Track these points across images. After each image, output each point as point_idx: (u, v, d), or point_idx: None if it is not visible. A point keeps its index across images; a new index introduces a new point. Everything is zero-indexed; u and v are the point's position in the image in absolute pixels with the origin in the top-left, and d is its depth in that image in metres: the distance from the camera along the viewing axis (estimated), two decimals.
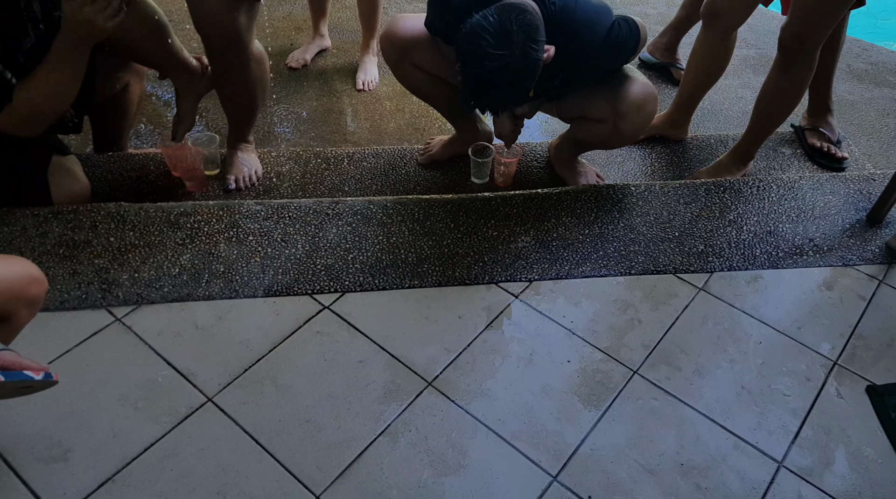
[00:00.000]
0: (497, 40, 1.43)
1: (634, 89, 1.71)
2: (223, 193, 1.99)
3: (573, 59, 1.60)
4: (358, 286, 1.63)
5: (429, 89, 1.93)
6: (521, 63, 1.45)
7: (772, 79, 1.88)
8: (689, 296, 1.64)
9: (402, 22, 1.81)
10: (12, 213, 1.68)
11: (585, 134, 1.88)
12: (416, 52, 1.82)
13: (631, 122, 1.73)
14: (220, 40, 1.66)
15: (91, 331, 1.49)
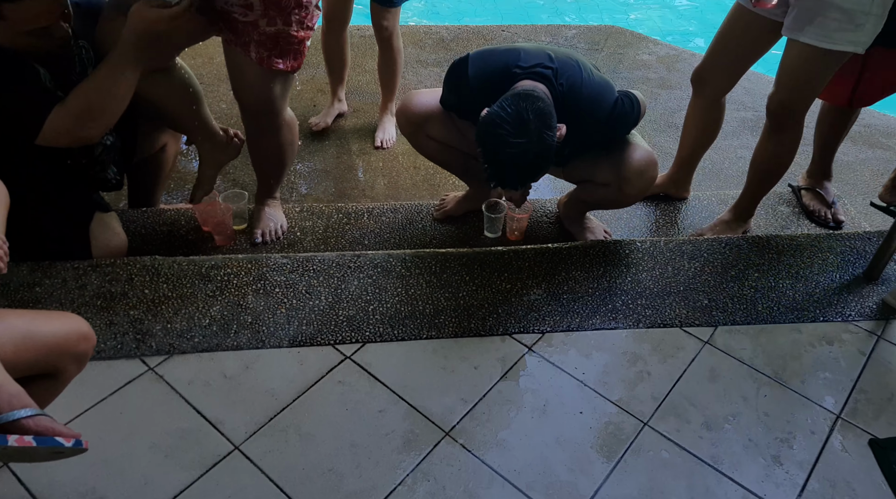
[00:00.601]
0: (515, 129, 1.54)
1: (636, 156, 1.82)
2: (250, 247, 2.09)
3: (580, 133, 1.71)
4: (378, 337, 1.71)
5: (442, 156, 2.07)
6: (538, 148, 1.56)
7: (762, 144, 1.99)
8: (695, 349, 1.71)
9: (416, 98, 1.96)
10: (54, 266, 1.79)
11: (591, 195, 1.99)
12: (430, 126, 1.97)
13: (634, 186, 1.84)
14: (256, 107, 1.79)
15: (125, 380, 1.57)
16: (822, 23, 1.67)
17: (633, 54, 3.49)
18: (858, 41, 1.66)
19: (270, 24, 1.62)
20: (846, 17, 1.63)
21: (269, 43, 1.65)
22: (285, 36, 1.66)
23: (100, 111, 1.59)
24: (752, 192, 2.11)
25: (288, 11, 1.62)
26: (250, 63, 1.68)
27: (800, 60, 1.76)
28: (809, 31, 1.70)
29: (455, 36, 3.59)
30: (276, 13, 1.60)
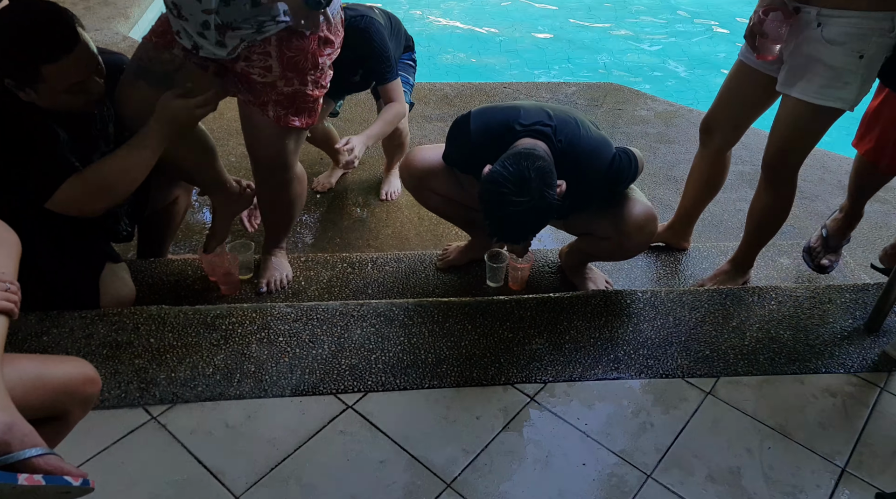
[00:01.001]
0: (517, 188, 1.58)
1: (636, 211, 1.86)
2: (255, 296, 2.12)
3: (579, 188, 1.76)
4: (380, 386, 1.72)
5: (445, 209, 2.13)
6: (540, 206, 1.60)
7: (758, 197, 2.03)
8: (697, 400, 1.71)
9: (419, 153, 2.03)
10: (62, 315, 1.81)
11: (592, 248, 2.03)
12: (433, 180, 2.03)
13: (634, 240, 1.88)
14: (270, 162, 1.86)
15: (127, 429, 1.57)
16: (811, 79, 1.73)
17: (631, 110, 3.58)
18: (846, 99, 1.71)
19: (288, 85, 1.69)
20: (834, 74, 1.69)
21: (285, 102, 1.72)
22: (301, 95, 1.73)
23: (113, 190, 1.69)
24: (751, 243, 2.14)
25: (305, 72, 1.69)
26: (267, 121, 1.74)
27: (792, 116, 1.81)
28: (799, 87, 1.76)
29: (458, 93, 3.71)
30: (293, 74, 1.67)
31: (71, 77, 1.53)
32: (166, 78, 1.68)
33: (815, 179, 2.98)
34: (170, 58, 1.68)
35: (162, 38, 1.69)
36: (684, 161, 3.12)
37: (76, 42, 1.49)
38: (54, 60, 1.47)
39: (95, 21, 4.14)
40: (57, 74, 1.50)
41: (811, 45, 1.71)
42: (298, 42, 1.63)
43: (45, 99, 1.55)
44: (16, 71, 1.48)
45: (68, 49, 1.48)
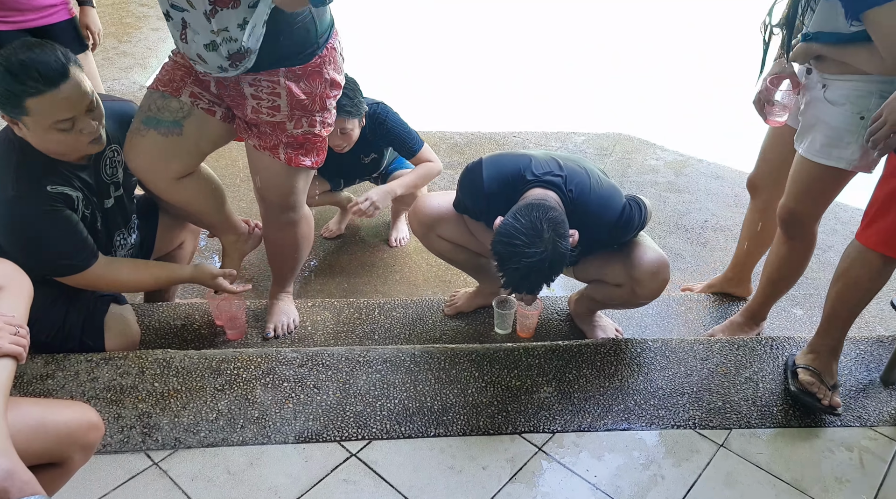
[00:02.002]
0: (530, 240, 1.58)
1: (648, 258, 1.85)
2: (261, 341, 2.11)
3: (590, 237, 1.76)
4: (385, 434, 1.69)
5: (453, 256, 2.13)
6: (553, 257, 1.59)
7: (774, 251, 2.02)
8: (709, 453, 1.66)
9: (428, 201, 2.05)
10: (67, 358, 1.81)
11: (603, 296, 2.02)
12: (441, 227, 2.04)
13: (647, 288, 1.87)
14: (280, 202, 1.88)
15: (129, 475, 1.55)
16: (814, 138, 1.74)
17: (640, 159, 3.62)
18: (847, 159, 1.70)
19: (297, 127, 1.73)
20: (835, 134, 1.70)
21: (295, 143, 1.76)
22: (310, 136, 1.76)
23: (122, 289, 1.90)
24: (766, 295, 2.11)
25: (313, 113, 1.73)
26: (277, 163, 1.77)
27: (802, 172, 1.81)
28: (805, 145, 1.78)
29: (468, 141, 3.76)
30: (301, 114, 1.71)
31: (56, 113, 1.52)
32: (175, 124, 1.72)
33: (828, 229, 2.96)
34: (178, 105, 1.72)
35: (169, 86, 1.73)
36: (694, 210, 3.12)
37: (63, 78, 1.49)
38: (36, 94, 1.48)
39: (114, 71, 4.27)
40: (41, 109, 1.50)
41: (816, 106, 1.74)
42: (306, 86, 1.67)
43: (35, 135, 1.55)
44: (4, 101, 1.51)
45: (53, 84, 1.48)
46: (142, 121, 1.73)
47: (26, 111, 1.51)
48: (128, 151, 1.76)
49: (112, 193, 1.81)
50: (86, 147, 1.63)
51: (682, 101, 4.61)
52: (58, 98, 1.50)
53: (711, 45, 5.70)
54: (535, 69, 5.19)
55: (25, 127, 1.55)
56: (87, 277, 1.72)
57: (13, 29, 2.36)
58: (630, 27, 6.22)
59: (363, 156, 2.60)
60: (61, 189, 1.64)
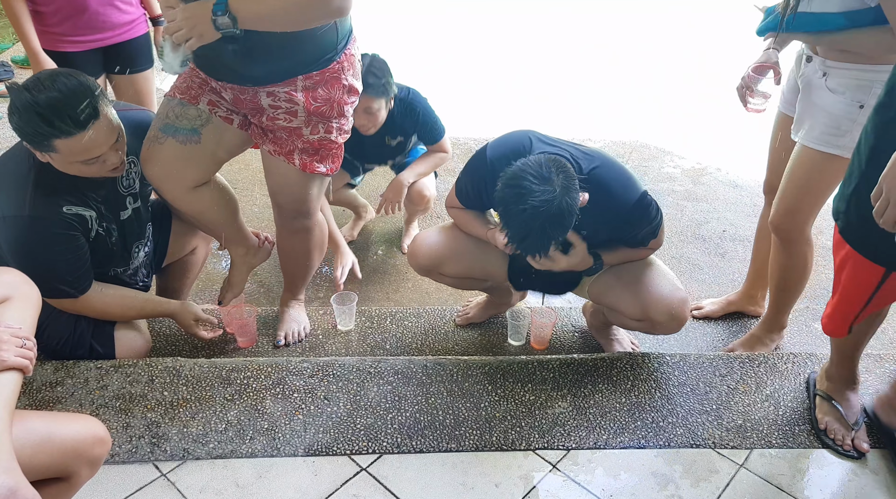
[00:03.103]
0: (538, 179, 1.51)
1: (666, 297, 1.79)
2: (272, 349, 2.09)
3: (603, 215, 1.68)
4: (395, 448, 1.65)
5: (460, 286, 2.11)
6: (562, 199, 1.51)
7: (775, 259, 1.97)
8: (729, 473, 1.61)
9: (424, 243, 2.00)
10: (77, 365, 1.79)
11: (620, 323, 1.97)
12: (443, 266, 2.00)
13: (666, 327, 1.83)
14: (294, 208, 1.86)
15: (137, 486, 1.52)
16: (813, 125, 1.73)
17: (657, 167, 3.56)
18: (844, 146, 1.68)
19: (314, 133, 1.71)
20: (834, 122, 1.68)
21: (311, 149, 1.74)
22: (326, 143, 1.74)
23: (108, 316, 1.84)
24: (779, 304, 2.06)
25: (330, 120, 1.70)
26: (292, 169, 1.75)
27: (801, 162, 1.78)
28: (803, 132, 1.75)
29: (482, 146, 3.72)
30: (318, 120, 1.69)
31: (84, 153, 1.52)
32: (193, 132, 1.70)
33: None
34: (196, 113, 1.71)
35: (186, 93, 1.72)
36: (712, 219, 3.07)
37: (92, 119, 1.49)
38: (66, 135, 1.47)
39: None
40: (69, 149, 1.50)
41: (816, 93, 1.72)
42: (324, 92, 1.65)
43: (60, 165, 1.56)
44: (31, 140, 1.50)
45: (82, 127, 1.47)
46: (160, 128, 1.72)
47: (55, 149, 1.51)
48: (145, 159, 1.74)
49: (129, 204, 1.80)
50: (107, 173, 1.63)
51: (699, 108, 4.55)
52: (87, 138, 1.50)
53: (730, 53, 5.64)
54: (551, 75, 5.15)
55: (52, 159, 1.55)
56: (76, 303, 1.72)
57: (88, 49, 2.30)
58: (648, 35, 6.17)
59: (389, 138, 2.56)
60: (76, 210, 1.63)
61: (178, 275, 2.17)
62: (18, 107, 1.46)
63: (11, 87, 1.48)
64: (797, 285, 2.00)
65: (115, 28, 2.35)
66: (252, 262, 2.06)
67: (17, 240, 1.59)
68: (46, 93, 1.44)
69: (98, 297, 1.74)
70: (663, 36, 6.10)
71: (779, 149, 2.00)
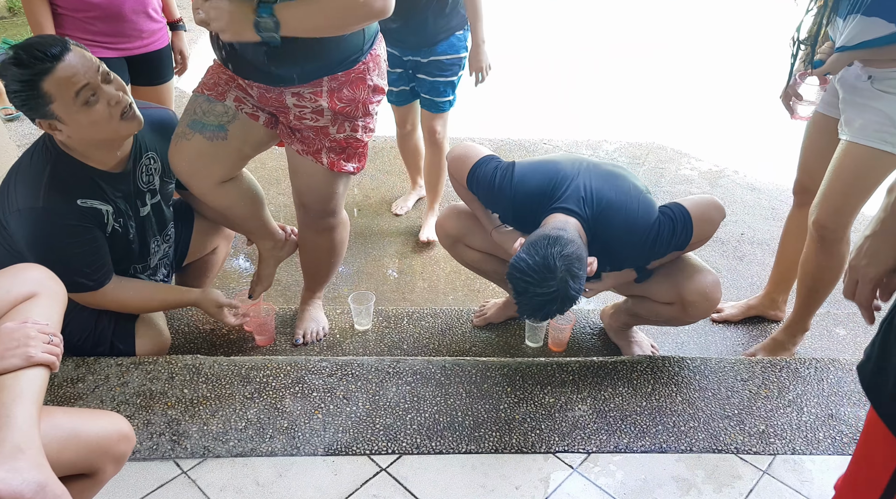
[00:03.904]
0: (540, 278, 1.53)
1: (701, 277, 1.80)
2: (290, 347, 2.09)
3: (616, 257, 1.73)
4: (415, 448, 1.65)
5: (482, 266, 2.09)
6: (564, 295, 1.55)
7: (810, 258, 1.93)
8: (752, 479, 1.60)
9: (455, 212, 2.02)
10: (98, 362, 1.80)
11: (648, 312, 1.95)
12: (470, 237, 2.01)
13: (699, 308, 1.82)
14: (319, 207, 1.86)
15: (158, 483, 1.53)
16: (864, 124, 1.71)
17: (674, 169, 3.54)
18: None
19: (340, 131, 1.71)
20: (887, 120, 1.67)
21: (338, 148, 1.74)
22: (353, 141, 1.74)
23: (128, 310, 1.84)
24: (806, 305, 2.03)
25: (356, 119, 1.70)
26: (319, 168, 1.76)
27: (845, 160, 1.76)
28: (853, 130, 1.74)
29: (497, 147, 3.72)
30: (344, 119, 1.69)
31: (73, 83, 1.50)
32: (220, 128, 1.71)
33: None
34: (223, 110, 1.71)
35: (214, 89, 1.72)
36: (730, 222, 3.04)
37: (64, 50, 1.50)
38: (48, 72, 1.47)
39: None
40: (58, 86, 1.49)
41: (863, 94, 1.72)
42: (349, 93, 1.64)
43: (72, 123, 1.53)
44: (28, 100, 1.50)
45: (57, 58, 1.48)
46: (187, 124, 1.72)
47: (49, 97, 1.49)
48: (172, 155, 1.75)
49: (148, 200, 1.80)
50: (122, 125, 1.59)
51: (717, 110, 4.52)
52: (68, 68, 1.49)
53: (746, 53, 5.60)
54: (567, 76, 5.13)
55: (59, 120, 1.53)
56: (96, 296, 1.72)
57: (118, 56, 2.30)
58: (664, 35, 6.14)
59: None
60: (91, 203, 1.63)
61: (198, 274, 2.17)
62: (2, 73, 1.48)
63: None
64: (829, 286, 1.97)
65: (142, 37, 2.33)
66: (279, 255, 2.07)
67: (33, 232, 1.59)
68: (18, 47, 1.48)
69: (118, 289, 1.74)
70: (680, 36, 6.07)
71: (813, 149, 1.99)
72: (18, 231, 1.60)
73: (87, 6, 2.17)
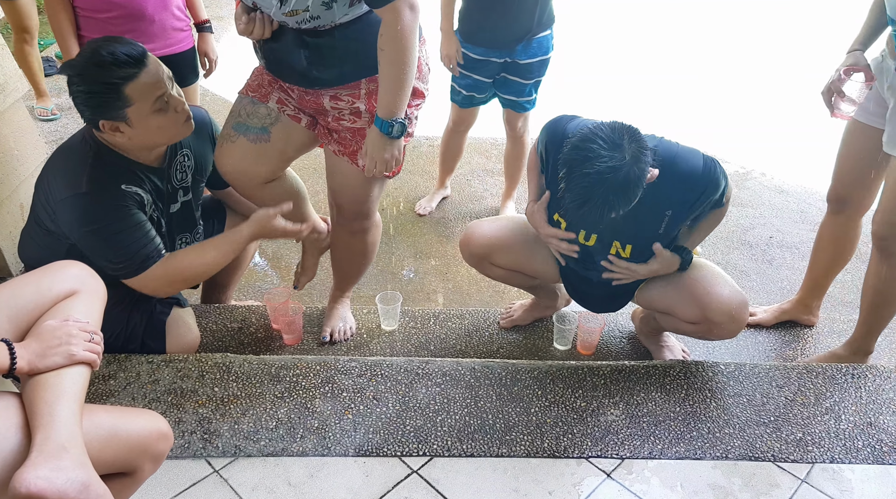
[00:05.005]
0: (609, 145, 1.46)
1: (726, 298, 1.73)
2: (317, 347, 2.08)
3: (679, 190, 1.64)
4: (446, 451, 1.63)
5: (507, 279, 2.07)
6: (631, 168, 1.46)
7: (871, 273, 1.87)
8: (791, 488, 1.57)
9: (478, 231, 1.97)
10: (129, 359, 1.80)
11: (673, 328, 1.92)
12: (495, 256, 1.97)
13: (726, 329, 1.77)
14: (355, 209, 1.86)
15: (190, 482, 1.52)
16: None
17: None
18: None
19: None
20: None
21: None
22: None
23: (188, 281, 1.76)
24: (869, 325, 1.95)
25: None
26: (356, 170, 1.75)
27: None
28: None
29: None
30: None
31: (154, 90, 1.53)
32: (263, 131, 1.71)
33: None
34: (266, 112, 1.72)
35: (258, 91, 1.73)
36: (758, 225, 3.01)
37: (145, 55, 1.53)
38: (133, 77, 1.49)
39: None
40: (140, 91, 1.51)
41: None
42: None
43: (140, 127, 1.55)
44: (106, 103, 1.51)
45: (141, 63, 1.51)
46: (232, 127, 1.74)
47: (129, 101, 1.51)
48: (218, 156, 1.76)
49: (180, 198, 1.80)
50: (183, 128, 1.63)
51: (743, 110, 4.46)
52: (150, 75, 1.52)
53: (773, 52, 5.53)
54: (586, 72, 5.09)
55: (128, 124, 1.54)
56: (150, 276, 1.65)
57: None
58: (688, 32, 6.07)
59: None
60: (135, 189, 1.63)
61: (226, 270, 2.15)
62: (81, 72, 1.49)
63: (66, 65, 1.52)
64: (894, 302, 1.90)
65: (166, 39, 2.32)
66: (322, 246, 2.07)
67: (83, 216, 1.58)
68: (99, 48, 1.48)
69: (170, 262, 1.67)
70: (705, 33, 6.00)
71: (850, 158, 1.94)
72: (68, 219, 1.59)
73: (109, 6, 2.17)
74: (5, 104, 2.24)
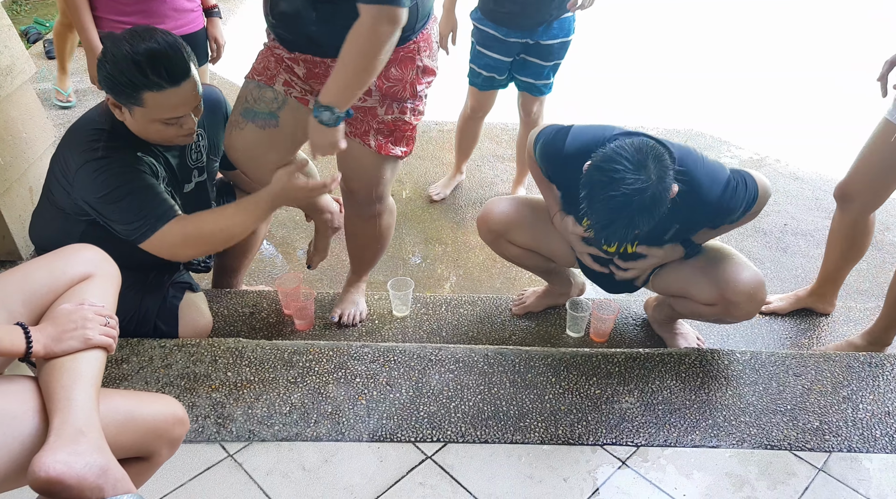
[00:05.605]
0: (634, 165, 1.45)
1: (744, 277, 1.72)
2: (328, 330, 2.07)
3: (689, 210, 1.63)
4: (460, 437, 1.63)
5: (522, 260, 2.04)
6: (656, 188, 1.45)
7: None
8: (808, 476, 1.56)
9: (497, 207, 1.96)
10: (141, 343, 1.80)
11: (689, 312, 1.89)
12: (512, 233, 1.95)
13: (744, 309, 1.75)
14: (365, 194, 1.83)
15: (205, 466, 1.52)
16: None
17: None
18: None
19: (388, 113, 1.68)
20: None
21: (386, 130, 1.71)
22: (401, 124, 1.71)
23: (209, 244, 1.67)
24: (890, 317, 1.93)
25: (403, 100, 1.67)
26: (367, 152, 1.72)
27: None
28: None
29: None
30: (392, 100, 1.66)
31: (171, 110, 1.52)
32: (271, 116, 1.69)
33: None
34: (273, 95, 1.69)
35: (263, 74, 1.70)
36: (773, 212, 2.98)
37: (185, 77, 1.49)
38: (158, 88, 1.47)
39: None
40: (157, 104, 1.50)
41: None
42: (396, 72, 1.61)
43: (137, 123, 1.55)
44: (119, 91, 1.49)
45: (175, 82, 1.48)
46: (240, 113, 1.71)
47: (141, 103, 1.49)
48: (227, 144, 1.74)
49: (195, 178, 1.79)
50: (179, 140, 1.62)
51: (757, 96, 4.41)
52: (177, 96, 1.49)
53: (787, 37, 5.46)
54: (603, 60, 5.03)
55: (130, 114, 1.53)
56: (167, 236, 1.58)
57: None
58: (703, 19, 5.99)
59: None
60: (150, 159, 1.62)
61: (237, 253, 2.16)
62: (115, 55, 1.45)
63: (108, 36, 1.50)
64: None
65: (178, 18, 2.29)
66: (335, 226, 2.04)
67: (99, 180, 1.55)
68: (146, 44, 1.44)
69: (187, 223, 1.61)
70: (719, 20, 5.92)
71: (874, 158, 1.89)
72: (84, 185, 1.57)
73: None
74: (13, 86, 2.22)
